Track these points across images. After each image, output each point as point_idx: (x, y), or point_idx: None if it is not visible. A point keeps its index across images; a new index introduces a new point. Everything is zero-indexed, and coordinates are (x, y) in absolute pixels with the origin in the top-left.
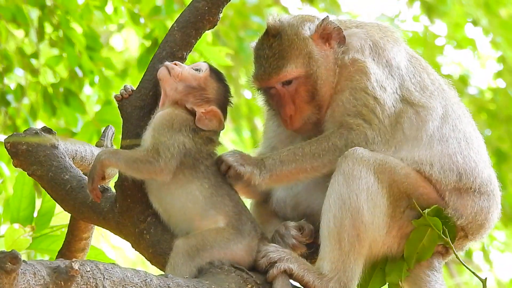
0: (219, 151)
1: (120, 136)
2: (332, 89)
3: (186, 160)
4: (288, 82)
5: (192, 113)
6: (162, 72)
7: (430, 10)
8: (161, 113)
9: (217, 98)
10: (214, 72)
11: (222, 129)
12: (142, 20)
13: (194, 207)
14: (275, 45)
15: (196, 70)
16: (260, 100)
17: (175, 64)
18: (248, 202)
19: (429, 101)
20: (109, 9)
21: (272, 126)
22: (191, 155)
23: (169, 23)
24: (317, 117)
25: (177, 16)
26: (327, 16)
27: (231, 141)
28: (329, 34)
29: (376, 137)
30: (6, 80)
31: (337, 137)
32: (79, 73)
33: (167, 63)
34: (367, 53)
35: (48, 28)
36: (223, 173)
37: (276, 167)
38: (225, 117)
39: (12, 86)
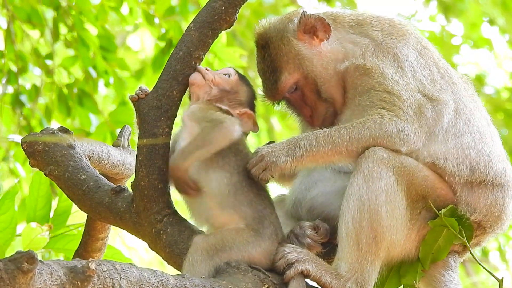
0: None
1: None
2: (337, 80)
3: None
4: (292, 89)
5: (227, 113)
6: (196, 78)
7: (446, 10)
8: (190, 108)
9: (248, 101)
10: (242, 76)
11: (257, 131)
12: (157, 21)
13: (212, 196)
14: (266, 56)
15: (226, 75)
16: (282, 109)
17: (207, 69)
18: None
19: (441, 95)
20: (124, 10)
21: (304, 126)
22: None
23: (184, 24)
24: (333, 108)
25: (192, 17)
26: (304, 10)
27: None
28: (313, 27)
29: (406, 126)
30: (20, 81)
31: (371, 122)
32: (93, 74)
33: (200, 67)
34: (368, 55)
35: (63, 29)
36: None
37: (313, 147)
38: None
39: (28, 86)
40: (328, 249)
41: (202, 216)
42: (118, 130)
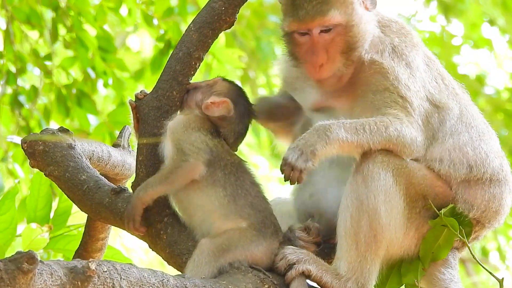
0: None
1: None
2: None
3: (209, 160)
4: (327, 30)
5: (198, 107)
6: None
7: (447, 10)
8: (174, 120)
9: (228, 92)
10: (226, 79)
11: (231, 115)
12: (155, 22)
13: (213, 210)
14: None
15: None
16: (282, 48)
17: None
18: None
19: (448, 101)
20: (123, 10)
21: (291, 71)
22: (213, 156)
23: (183, 25)
24: (345, 71)
25: (191, 17)
26: None
27: (247, 144)
28: None
29: (418, 137)
30: (19, 81)
31: (392, 128)
32: (92, 74)
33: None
34: (386, 54)
35: (62, 30)
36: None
37: (342, 133)
38: (248, 119)
39: (27, 87)
40: (327, 248)
41: (204, 231)
42: (117, 131)
